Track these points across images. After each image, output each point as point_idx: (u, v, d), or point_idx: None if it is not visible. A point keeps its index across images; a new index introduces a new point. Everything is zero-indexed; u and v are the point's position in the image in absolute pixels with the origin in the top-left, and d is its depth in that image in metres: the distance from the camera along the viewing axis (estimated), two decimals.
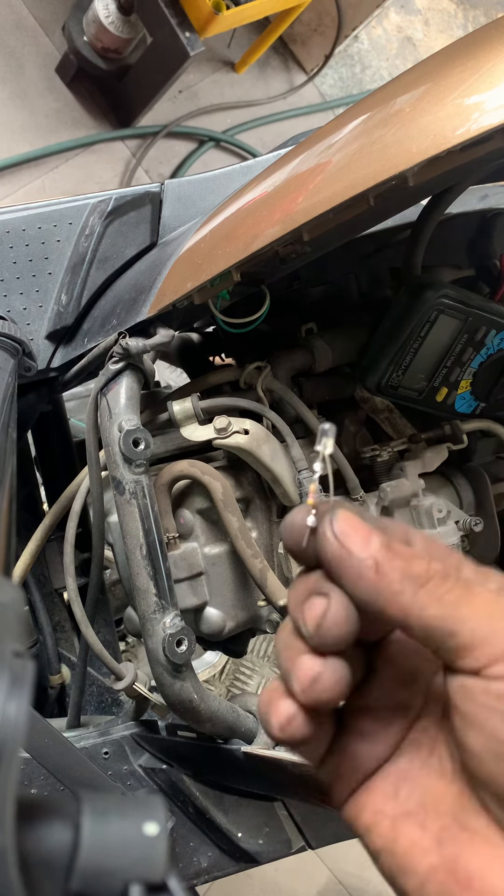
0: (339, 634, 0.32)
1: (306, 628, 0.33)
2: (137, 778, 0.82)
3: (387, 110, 0.55)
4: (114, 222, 0.87)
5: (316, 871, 1.73)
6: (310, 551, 0.34)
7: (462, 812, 0.33)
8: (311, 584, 0.34)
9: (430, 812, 0.33)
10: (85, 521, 0.94)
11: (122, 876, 0.24)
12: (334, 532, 0.33)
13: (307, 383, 0.87)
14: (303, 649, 0.33)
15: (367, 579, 0.32)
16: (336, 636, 0.32)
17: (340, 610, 0.32)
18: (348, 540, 0.33)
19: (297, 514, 0.34)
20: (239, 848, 0.81)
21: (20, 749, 0.23)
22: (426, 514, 0.83)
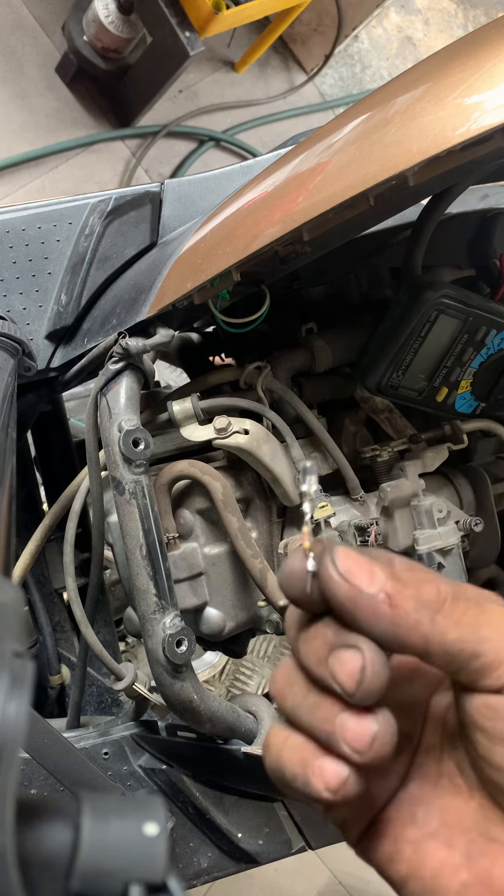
0: (381, 686, 0.31)
1: (343, 687, 0.31)
2: (137, 778, 0.82)
3: (387, 110, 0.55)
4: (114, 222, 0.87)
5: (316, 871, 1.73)
6: (314, 597, 0.32)
7: (487, 824, 0.32)
8: (329, 636, 0.32)
9: (455, 829, 0.33)
10: (85, 521, 0.94)
11: (122, 876, 0.24)
12: (339, 572, 0.31)
13: (307, 383, 0.87)
14: (338, 708, 0.31)
15: (383, 615, 0.31)
16: (379, 689, 0.31)
17: (377, 659, 0.31)
18: (355, 577, 0.31)
19: (294, 560, 0.33)
20: (239, 848, 0.81)
21: (20, 749, 0.23)
22: (426, 514, 0.83)
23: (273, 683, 0.35)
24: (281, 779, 0.33)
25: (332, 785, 0.31)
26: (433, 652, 0.31)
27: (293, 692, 0.33)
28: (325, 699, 0.32)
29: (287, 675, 0.34)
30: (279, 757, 0.33)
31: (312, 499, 0.34)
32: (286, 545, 0.79)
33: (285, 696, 0.33)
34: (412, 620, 0.31)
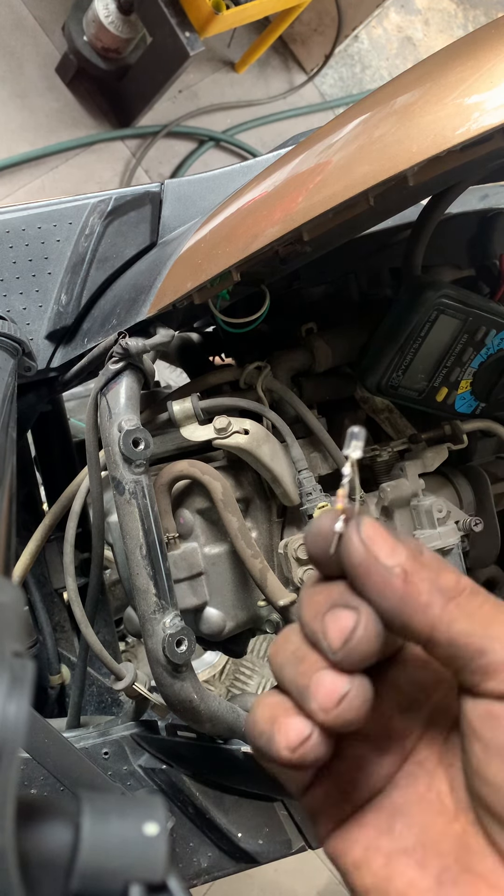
0: (368, 651, 0.30)
1: (329, 643, 0.30)
2: (137, 778, 0.82)
3: (387, 110, 0.55)
4: (114, 222, 0.87)
5: (316, 871, 1.73)
6: (334, 559, 0.32)
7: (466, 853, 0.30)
8: (333, 594, 0.31)
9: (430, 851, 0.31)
10: (85, 521, 0.94)
11: (122, 876, 0.24)
12: (361, 537, 0.31)
13: (307, 383, 0.87)
14: (321, 664, 0.31)
15: (394, 588, 0.30)
16: (364, 653, 0.30)
17: (371, 625, 0.30)
18: (375, 546, 0.31)
19: (325, 519, 0.32)
20: (239, 848, 0.81)
21: (20, 749, 0.23)
22: (426, 514, 0.83)
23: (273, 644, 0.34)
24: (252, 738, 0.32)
25: (292, 742, 0.30)
26: (437, 640, 0.30)
27: (285, 649, 0.33)
28: (311, 654, 0.31)
29: (286, 635, 0.33)
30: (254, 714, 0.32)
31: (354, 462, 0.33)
32: (286, 545, 0.79)
33: (278, 652, 0.33)
34: (423, 601, 0.30)
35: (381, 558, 0.30)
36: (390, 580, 0.30)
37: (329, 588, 0.32)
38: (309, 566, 0.79)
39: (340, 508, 0.32)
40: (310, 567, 0.79)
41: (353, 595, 0.31)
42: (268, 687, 1.82)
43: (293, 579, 0.79)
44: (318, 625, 0.31)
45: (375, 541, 0.31)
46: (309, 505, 0.78)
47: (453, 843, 0.31)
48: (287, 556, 0.79)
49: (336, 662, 0.30)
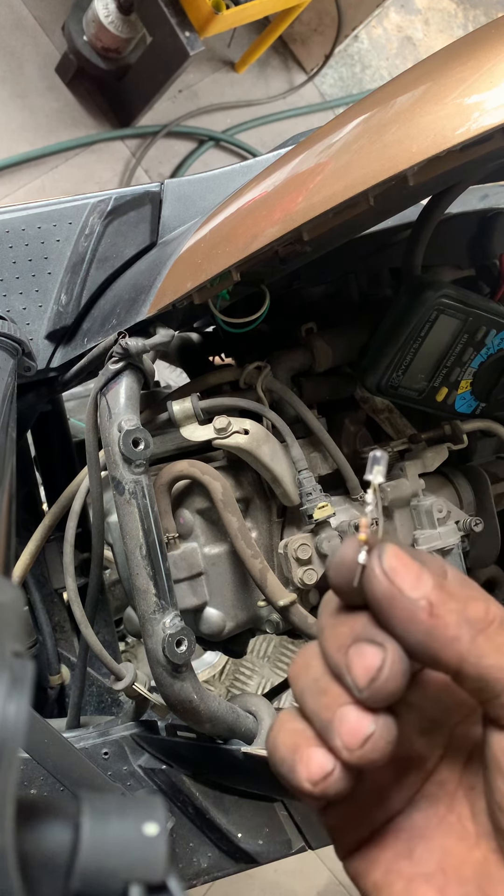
0: (394, 690, 0.29)
1: (354, 681, 0.29)
2: (137, 778, 0.82)
3: (387, 110, 0.55)
4: (113, 222, 0.87)
5: (316, 872, 1.73)
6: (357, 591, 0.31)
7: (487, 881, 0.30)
8: (357, 627, 0.30)
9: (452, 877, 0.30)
10: (85, 521, 0.94)
11: (122, 876, 0.24)
12: (384, 569, 0.30)
13: (307, 383, 0.87)
14: (345, 699, 0.30)
15: (420, 622, 0.29)
16: (391, 693, 0.29)
17: (397, 664, 0.29)
18: (399, 578, 0.30)
19: (347, 549, 0.31)
20: (239, 848, 0.81)
21: (20, 749, 0.23)
22: (426, 514, 0.83)
23: (291, 665, 0.34)
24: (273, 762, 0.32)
25: (314, 776, 0.30)
26: (466, 674, 0.29)
27: (306, 674, 0.32)
28: (334, 687, 0.30)
29: (306, 658, 0.33)
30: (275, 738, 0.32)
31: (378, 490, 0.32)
32: (286, 545, 0.79)
33: (299, 676, 0.32)
34: (450, 635, 0.29)
35: (405, 591, 0.29)
36: (416, 614, 0.29)
37: (352, 620, 0.31)
38: (309, 566, 0.79)
39: (364, 539, 0.31)
40: (310, 567, 0.79)
41: (377, 629, 0.30)
42: (267, 687, 1.82)
43: (293, 579, 0.79)
44: (342, 658, 0.30)
45: (399, 572, 0.30)
46: (309, 505, 0.78)
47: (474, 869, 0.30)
48: (287, 556, 0.79)
49: (362, 700, 0.29)
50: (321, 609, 0.33)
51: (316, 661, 0.32)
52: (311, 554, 0.79)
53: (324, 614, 0.33)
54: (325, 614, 0.32)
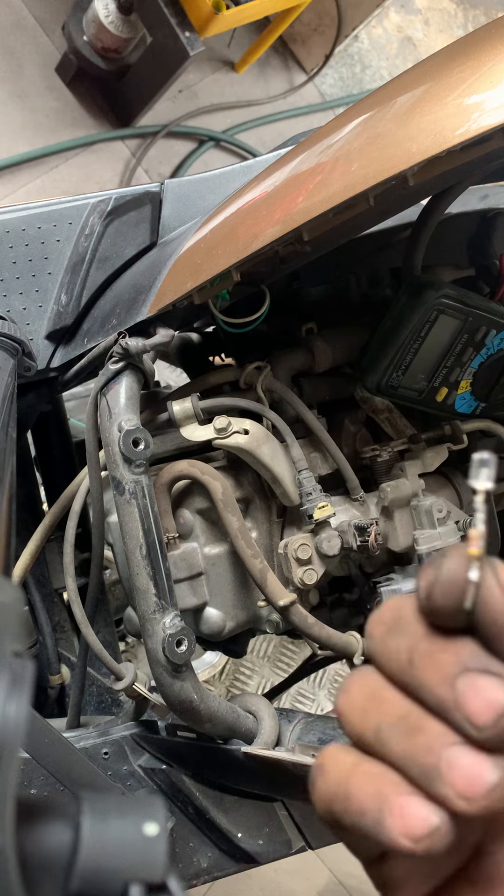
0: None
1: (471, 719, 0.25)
2: (137, 778, 0.82)
3: (387, 110, 0.55)
4: (114, 222, 0.87)
5: (316, 871, 1.73)
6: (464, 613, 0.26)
7: None
8: (464, 655, 0.26)
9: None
10: (85, 521, 0.94)
11: (122, 876, 0.24)
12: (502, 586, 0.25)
13: (307, 383, 0.87)
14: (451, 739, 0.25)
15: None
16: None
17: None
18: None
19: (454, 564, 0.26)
20: (239, 848, 0.81)
21: (20, 749, 0.23)
22: (426, 514, 0.83)
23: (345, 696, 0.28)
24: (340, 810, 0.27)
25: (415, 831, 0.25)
26: None
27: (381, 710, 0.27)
28: (434, 725, 0.26)
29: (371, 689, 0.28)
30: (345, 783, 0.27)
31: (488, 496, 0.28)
32: (286, 545, 0.79)
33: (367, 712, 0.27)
34: None
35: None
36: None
37: (455, 646, 0.26)
38: (309, 566, 0.79)
39: (476, 553, 0.26)
40: (310, 567, 0.79)
41: (491, 658, 0.26)
42: (267, 687, 1.82)
43: (293, 579, 0.79)
44: (448, 692, 0.25)
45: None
46: (309, 505, 0.78)
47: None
48: (287, 556, 0.79)
49: (482, 741, 0.25)
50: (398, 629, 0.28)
51: (390, 692, 0.27)
52: (311, 554, 0.79)
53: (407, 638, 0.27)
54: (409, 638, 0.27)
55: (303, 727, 0.76)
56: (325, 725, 0.75)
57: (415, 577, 0.82)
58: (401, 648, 0.27)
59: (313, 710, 1.85)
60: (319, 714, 0.80)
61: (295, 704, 1.85)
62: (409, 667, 0.27)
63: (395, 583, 0.82)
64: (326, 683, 1.89)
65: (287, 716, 0.78)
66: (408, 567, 0.85)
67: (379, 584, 0.82)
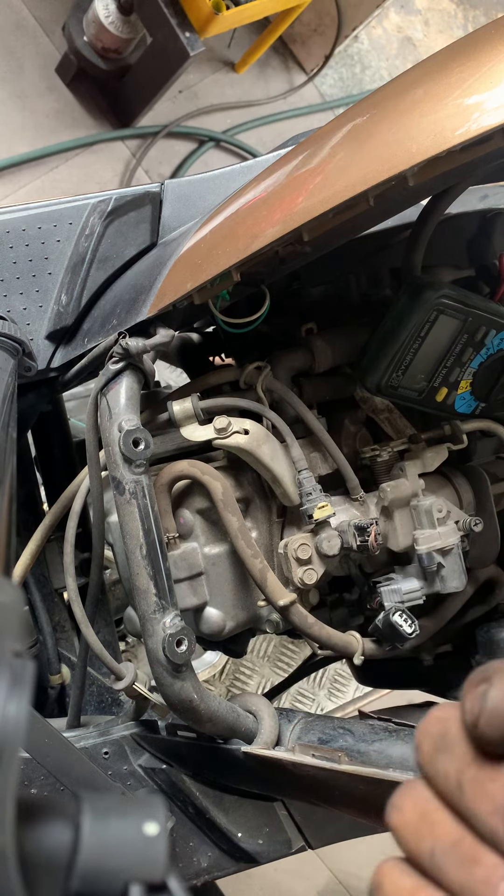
0: None
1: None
2: (137, 778, 0.82)
3: (387, 110, 0.55)
4: (114, 222, 0.87)
5: (316, 871, 1.73)
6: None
7: None
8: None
9: None
10: (85, 521, 0.94)
11: (122, 876, 0.24)
12: None
13: (307, 383, 0.87)
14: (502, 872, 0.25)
15: None
16: None
17: None
18: None
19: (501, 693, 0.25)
20: (239, 848, 0.81)
21: (20, 749, 0.23)
22: (426, 514, 0.83)
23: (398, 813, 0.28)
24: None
25: None
26: None
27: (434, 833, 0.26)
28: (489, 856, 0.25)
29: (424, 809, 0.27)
30: None
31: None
32: (286, 545, 0.79)
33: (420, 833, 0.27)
34: None
35: None
36: None
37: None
38: (309, 566, 0.79)
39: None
40: (310, 567, 0.79)
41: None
42: (267, 687, 1.82)
43: (293, 579, 0.79)
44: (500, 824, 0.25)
45: None
46: (309, 505, 0.78)
47: None
48: (287, 556, 0.79)
49: None
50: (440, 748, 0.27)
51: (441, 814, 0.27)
52: (311, 554, 0.79)
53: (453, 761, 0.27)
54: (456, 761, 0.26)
55: (303, 727, 0.76)
56: (325, 725, 0.75)
57: (415, 578, 0.83)
58: (449, 771, 0.27)
59: (313, 709, 1.85)
60: (319, 714, 0.80)
61: (295, 704, 1.85)
62: (458, 792, 0.26)
63: (394, 583, 0.82)
64: (326, 683, 1.89)
65: (287, 715, 0.78)
66: (407, 567, 0.85)
67: (379, 584, 0.83)
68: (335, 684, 1.89)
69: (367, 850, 1.79)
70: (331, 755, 0.69)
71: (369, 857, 0.31)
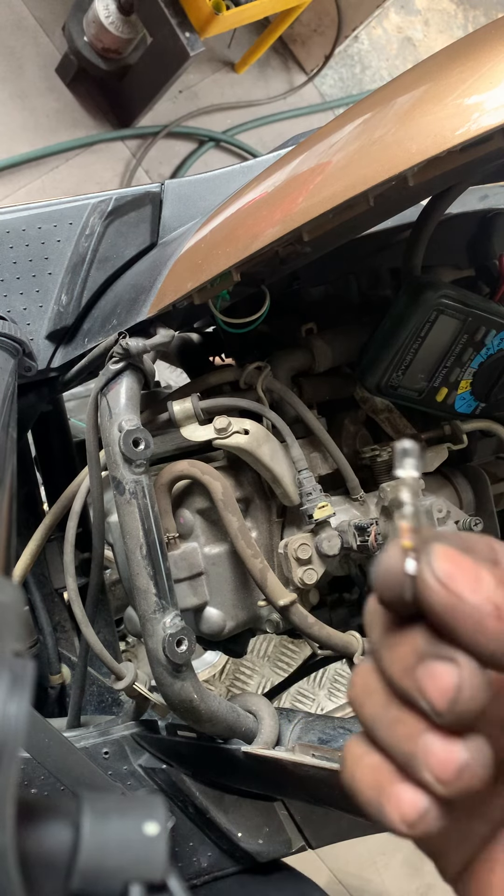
0: (477, 709, 0.26)
1: (432, 705, 0.26)
2: (137, 778, 0.82)
3: (387, 110, 0.55)
4: (114, 222, 0.87)
5: (316, 871, 1.73)
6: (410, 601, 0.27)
7: None
8: (419, 644, 0.27)
9: None
10: (85, 521, 0.94)
11: (122, 876, 0.24)
12: (438, 577, 0.26)
13: (307, 383, 0.87)
14: (423, 726, 0.27)
15: (488, 630, 0.26)
16: (474, 713, 0.26)
17: (476, 678, 0.26)
18: (457, 584, 0.26)
19: (392, 560, 0.27)
20: (239, 848, 0.81)
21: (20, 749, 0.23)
22: (426, 514, 0.83)
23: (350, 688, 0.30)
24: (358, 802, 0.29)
25: (409, 817, 0.26)
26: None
27: (372, 701, 0.28)
28: (408, 715, 0.27)
29: (366, 681, 0.29)
30: (353, 776, 0.29)
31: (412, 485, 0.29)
32: (286, 545, 0.79)
33: (363, 704, 0.29)
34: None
35: (466, 598, 0.26)
36: (482, 621, 0.26)
37: (411, 636, 0.27)
38: (309, 566, 0.79)
39: (408, 546, 0.27)
40: (310, 567, 0.79)
41: (442, 643, 0.27)
42: (268, 687, 1.82)
43: (293, 579, 0.79)
44: (411, 682, 0.27)
45: (455, 577, 0.26)
46: (309, 505, 0.78)
47: None
48: (287, 556, 0.79)
49: (445, 725, 0.26)
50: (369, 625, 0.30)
51: (377, 684, 0.29)
52: (311, 554, 0.79)
53: (375, 632, 0.29)
54: (376, 632, 0.29)
55: (303, 727, 0.76)
56: (325, 725, 0.75)
57: None
58: (373, 639, 0.29)
59: (313, 709, 1.85)
60: (319, 714, 0.80)
61: (295, 704, 1.85)
62: (378, 659, 0.29)
63: None
64: (326, 683, 1.89)
65: (287, 715, 0.78)
66: None
67: None
68: (335, 684, 1.89)
69: (367, 850, 1.79)
70: (331, 755, 0.69)
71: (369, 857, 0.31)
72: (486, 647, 0.26)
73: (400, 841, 1.76)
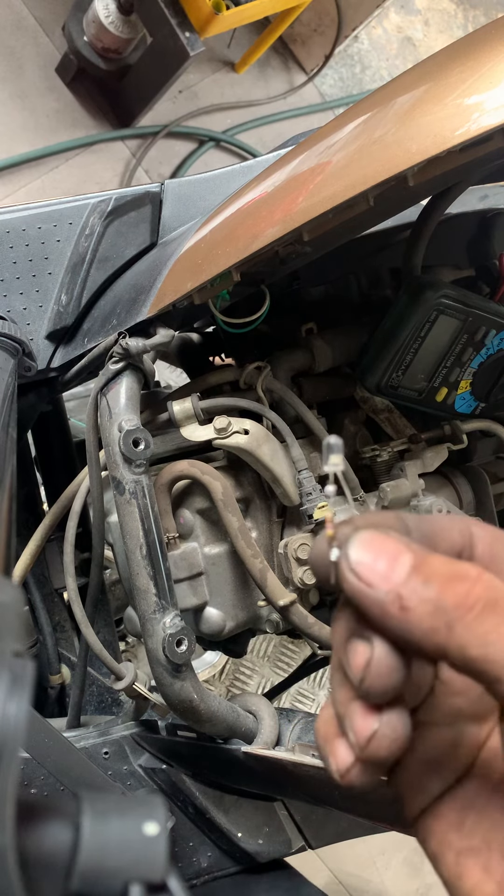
0: (385, 687, 0.28)
1: (352, 677, 0.29)
2: (137, 778, 0.82)
3: (387, 110, 0.55)
4: (114, 222, 0.87)
5: (316, 871, 1.73)
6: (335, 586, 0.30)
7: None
8: (350, 622, 0.30)
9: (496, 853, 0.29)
10: (85, 521, 0.94)
11: (122, 876, 0.24)
12: (350, 565, 0.28)
13: (307, 383, 0.87)
14: (353, 695, 0.29)
15: (392, 617, 0.27)
16: (382, 689, 0.28)
17: (383, 660, 0.28)
18: (366, 572, 0.28)
19: (317, 547, 0.30)
20: (239, 848, 0.81)
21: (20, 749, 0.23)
22: (426, 514, 0.83)
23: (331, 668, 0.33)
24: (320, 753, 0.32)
25: (340, 767, 0.29)
26: (455, 663, 0.27)
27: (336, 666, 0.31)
28: (346, 683, 0.30)
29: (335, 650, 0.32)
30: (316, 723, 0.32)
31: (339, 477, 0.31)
32: (286, 545, 0.79)
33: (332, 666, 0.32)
34: (426, 627, 0.27)
35: (373, 585, 0.28)
36: (386, 609, 0.28)
37: (347, 614, 0.30)
38: (309, 566, 0.79)
39: (331, 534, 0.29)
40: (310, 567, 0.79)
41: (362, 624, 0.29)
42: (267, 687, 1.82)
43: (293, 579, 0.79)
44: (343, 655, 0.30)
45: (365, 565, 0.28)
46: (309, 505, 0.78)
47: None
48: (287, 556, 0.79)
49: (362, 697, 0.29)
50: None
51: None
52: None
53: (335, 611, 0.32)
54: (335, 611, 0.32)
55: (303, 727, 0.76)
56: None
57: None
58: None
59: (313, 709, 1.85)
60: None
61: (295, 704, 1.85)
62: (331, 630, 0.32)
63: None
64: (326, 683, 1.89)
65: (287, 715, 0.78)
66: None
67: None
68: None
69: (367, 850, 1.79)
70: None
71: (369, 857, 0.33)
72: (393, 633, 0.28)
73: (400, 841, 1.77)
